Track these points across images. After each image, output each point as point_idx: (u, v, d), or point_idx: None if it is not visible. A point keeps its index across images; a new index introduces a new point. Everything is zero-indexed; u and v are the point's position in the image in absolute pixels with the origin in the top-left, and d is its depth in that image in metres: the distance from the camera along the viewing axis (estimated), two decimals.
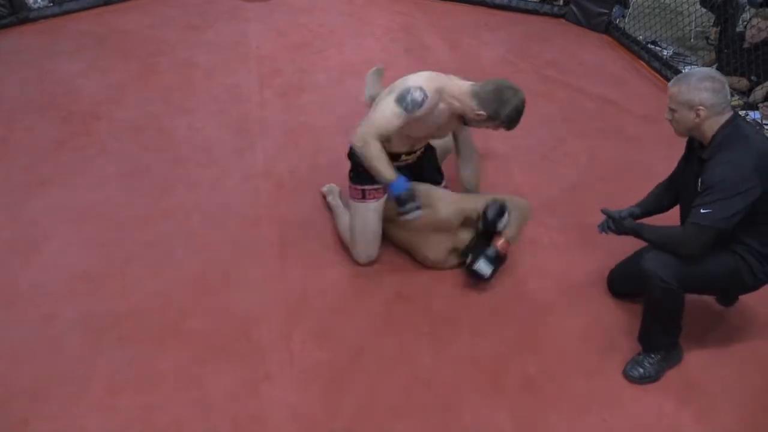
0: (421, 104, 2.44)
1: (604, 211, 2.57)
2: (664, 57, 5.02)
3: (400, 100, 2.43)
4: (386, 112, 2.47)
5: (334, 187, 3.17)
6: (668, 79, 4.65)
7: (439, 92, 2.52)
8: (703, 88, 2.18)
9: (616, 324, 2.68)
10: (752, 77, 4.53)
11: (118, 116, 3.82)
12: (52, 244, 2.88)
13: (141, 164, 3.42)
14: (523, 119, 2.61)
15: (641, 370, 2.45)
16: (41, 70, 4.25)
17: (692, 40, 5.71)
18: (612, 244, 2.99)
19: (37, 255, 2.83)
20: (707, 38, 5.41)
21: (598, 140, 3.92)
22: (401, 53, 4.86)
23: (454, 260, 2.86)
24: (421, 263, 2.88)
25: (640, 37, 5.30)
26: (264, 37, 4.93)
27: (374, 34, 5.16)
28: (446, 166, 3.13)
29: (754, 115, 4.29)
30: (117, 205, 3.13)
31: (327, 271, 2.84)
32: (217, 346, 2.47)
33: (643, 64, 5.00)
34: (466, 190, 2.95)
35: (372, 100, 3.22)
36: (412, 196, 2.53)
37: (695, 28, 5.73)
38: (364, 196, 2.76)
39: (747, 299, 2.76)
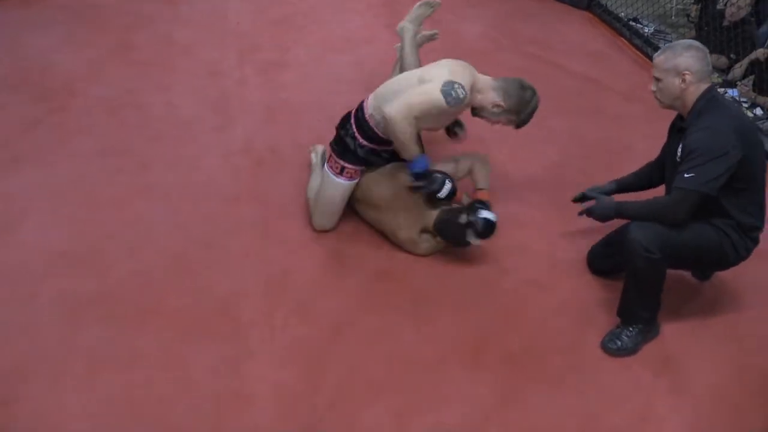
0: (462, 101, 2.50)
1: (585, 196, 2.73)
2: (646, 34, 5.03)
3: (445, 92, 2.44)
4: (431, 97, 2.48)
5: (319, 147, 3.20)
6: (649, 57, 4.67)
7: (471, 88, 2.58)
8: (688, 55, 2.28)
9: (594, 300, 2.71)
10: (731, 55, 4.57)
11: (95, 93, 3.75)
12: (28, 222, 2.85)
13: (118, 142, 3.37)
14: None
15: (619, 343, 2.49)
16: (14, 45, 4.15)
17: (673, 17, 5.72)
18: (592, 222, 3.02)
19: (13, 234, 2.79)
20: (688, 16, 5.42)
21: (579, 118, 3.93)
22: (383, 29, 4.82)
23: (426, 243, 2.83)
24: (397, 245, 2.88)
25: (622, 14, 5.31)
26: (244, 13, 4.86)
27: (356, 9, 5.11)
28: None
29: (732, 92, 4.33)
30: (94, 183, 3.09)
31: (308, 248, 2.84)
32: (198, 324, 2.46)
33: (625, 41, 5.01)
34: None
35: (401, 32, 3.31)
36: (429, 174, 2.64)
37: (676, 5, 5.74)
38: (341, 172, 2.77)
39: (722, 274, 2.80)
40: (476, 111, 2.72)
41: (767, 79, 4.17)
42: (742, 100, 4.23)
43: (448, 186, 2.67)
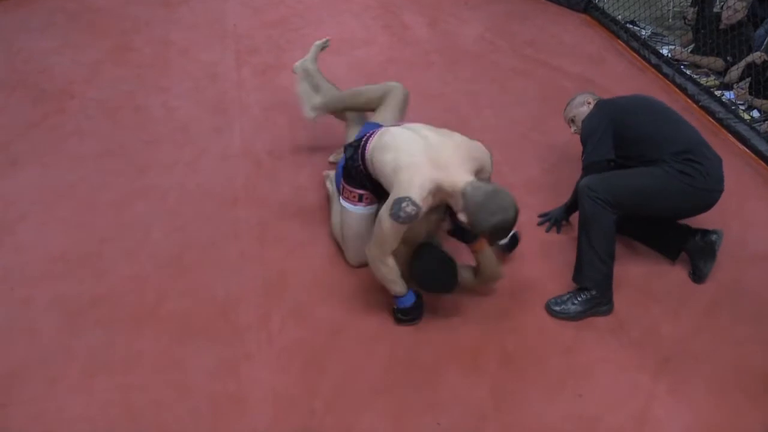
0: (415, 216, 2.27)
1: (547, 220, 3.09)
2: (642, 37, 5.03)
3: (394, 215, 2.26)
4: (386, 230, 2.31)
5: (332, 174, 3.03)
6: (646, 59, 4.69)
7: (433, 193, 2.31)
8: (580, 94, 3.05)
9: None
10: (728, 57, 4.57)
11: (92, 95, 3.75)
12: (26, 224, 2.84)
13: (116, 144, 3.37)
14: (502, 97, 2.62)
15: (562, 307, 2.62)
16: (12, 47, 4.15)
17: (670, 20, 5.73)
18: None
19: (11, 236, 2.78)
20: (685, 18, 5.42)
21: None
22: (380, 31, 4.83)
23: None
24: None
25: (619, 16, 5.31)
26: (241, 15, 4.87)
27: (353, 11, 5.11)
28: None
29: (729, 95, 4.33)
30: (92, 185, 3.08)
31: (305, 251, 2.84)
32: (195, 327, 2.46)
33: (622, 43, 5.01)
34: None
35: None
36: (416, 309, 2.52)
37: (673, 8, 5.75)
38: (360, 200, 2.65)
39: (720, 276, 2.81)
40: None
41: (763, 81, 4.18)
42: (738, 102, 4.23)
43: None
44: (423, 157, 2.34)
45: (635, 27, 5.26)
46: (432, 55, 4.57)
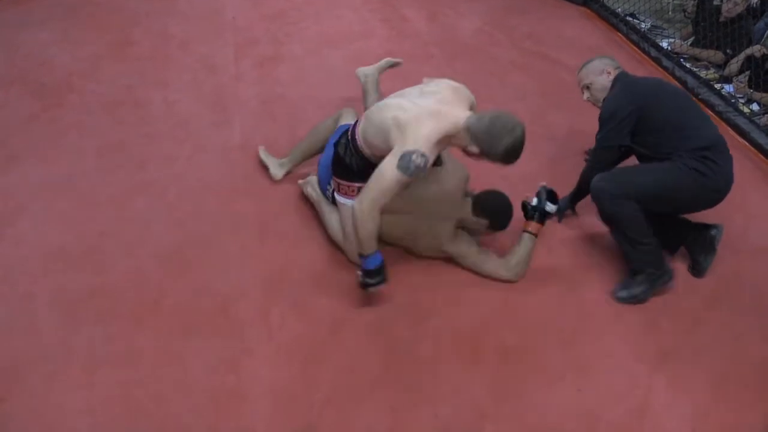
0: (423, 168, 2.28)
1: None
2: (642, 30, 5.02)
3: (403, 167, 2.24)
4: (388, 183, 2.28)
5: (311, 178, 2.99)
6: (646, 52, 4.69)
7: (440, 143, 2.36)
8: (599, 58, 2.87)
9: (590, 294, 2.72)
10: (728, 50, 4.56)
11: (92, 89, 3.75)
12: (25, 219, 2.84)
13: (115, 138, 3.37)
14: (501, 91, 2.62)
15: (627, 291, 2.65)
16: (11, 41, 4.15)
17: (670, 12, 5.72)
18: (592, 216, 3.03)
19: (10, 230, 2.79)
20: (684, 11, 5.42)
21: (576, 113, 3.92)
22: (378, 24, 4.82)
23: (464, 239, 2.74)
24: (420, 253, 2.80)
25: (619, 9, 5.30)
26: (240, 8, 4.86)
27: (351, 4, 5.10)
28: None
29: (728, 88, 4.33)
30: (91, 180, 3.09)
31: (305, 245, 2.84)
32: (195, 322, 2.46)
33: (621, 36, 5.00)
34: None
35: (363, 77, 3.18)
36: (381, 270, 2.44)
37: (673, 0, 5.73)
38: (359, 193, 2.58)
39: (720, 269, 2.82)
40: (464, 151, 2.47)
41: (763, 75, 4.17)
42: (738, 95, 4.23)
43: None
44: (420, 109, 2.36)
45: (635, 20, 5.26)
46: (431, 48, 4.57)
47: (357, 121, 2.65)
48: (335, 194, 2.74)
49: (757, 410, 2.33)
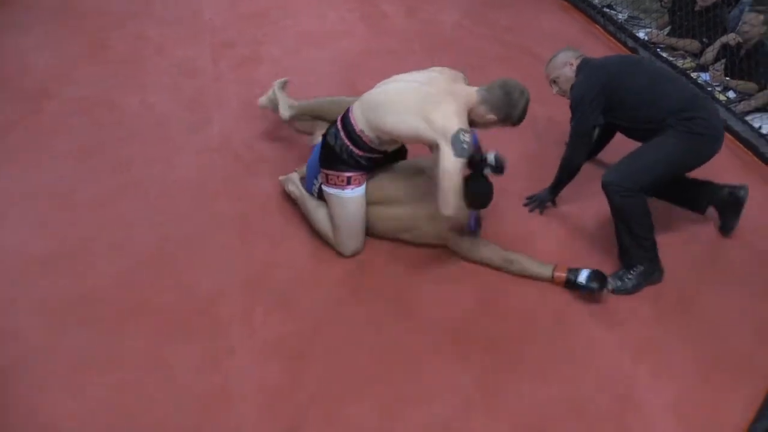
0: (470, 143, 2.40)
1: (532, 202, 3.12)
2: (619, 21, 5.06)
3: (459, 152, 2.35)
4: (452, 170, 2.37)
5: (292, 175, 2.99)
6: (623, 43, 4.73)
7: (464, 117, 2.48)
8: (562, 51, 2.95)
9: None
10: (704, 39, 4.61)
11: (71, 93, 3.71)
12: (6, 225, 2.82)
13: (94, 142, 3.34)
14: (481, 84, 2.65)
15: (619, 283, 2.71)
16: None
17: (647, 2, 5.76)
18: (572, 208, 3.06)
19: None
20: (661, 1, 5.46)
21: (555, 105, 3.92)
22: (358, 22, 4.81)
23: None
24: (420, 240, 2.81)
25: (596, 1, 5.33)
26: (217, 8, 4.83)
27: (330, 3, 5.09)
28: None
29: (705, 76, 4.37)
30: (71, 184, 3.06)
31: (288, 243, 2.84)
32: (180, 323, 2.45)
33: (599, 27, 5.03)
34: None
35: (290, 110, 3.17)
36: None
37: None
38: (348, 183, 2.64)
39: (700, 259, 2.85)
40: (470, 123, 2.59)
41: (738, 62, 4.21)
42: (714, 84, 4.27)
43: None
44: (438, 91, 2.48)
45: (612, 11, 5.29)
46: (412, 43, 4.57)
47: (348, 110, 2.65)
48: (323, 186, 2.73)
49: (739, 394, 2.36)
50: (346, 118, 2.63)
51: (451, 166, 2.36)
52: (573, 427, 2.22)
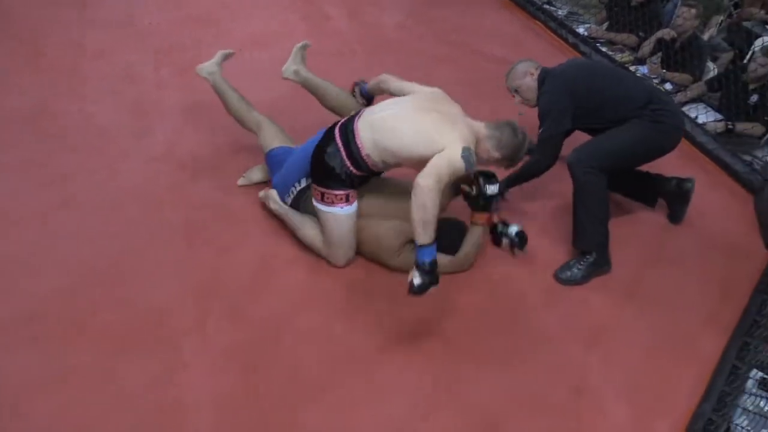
0: (475, 164, 2.45)
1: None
2: (559, 17, 5.16)
3: (466, 160, 2.37)
4: (456, 166, 2.36)
5: (271, 192, 2.89)
6: (564, 39, 4.83)
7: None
8: (521, 63, 3.04)
9: (526, 279, 2.79)
10: (640, 33, 4.74)
11: (6, 104, 3.58)
12: None
13: (32, 154, 3.23)
14: (426, 83, 2.67)
15: (569, 273, 2.79)
16: None
17: None
18: (518, 202, 3.10)
19: None
20: None
21: (500, 101, 3.98)
22: (300, 24, 4.79)
23: (405, 255, 2.70)
24: (372, 256, 2.77)
25: None
26: (157, 12, 4.73)
27: (272, 4, 5.05)
28: None
29: (643, 69, 4.49)
30: (9, 199, 2.95)
31: (237, 251, 2.80)
32: (129, 338, 2.39)
33: (540, 24, 5.13)
34: None
35: (295, 75, 3.16)
36: (434, 267, 2.29)
37: None
38: (347, 200, 2.61)
39: (643, 246, 2.93)
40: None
41: (673, 55, 4.35)
42: (652, 76, 4.39)
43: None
44: (450, 118, 2.51)
45: (552, 7, 5.39)
46: (354, 45, 4.57)
47: (352, 130, 2.57)
48: (315, 203, 2.66)
49: (688, 376, 2.44)
50: (349, 140, 2.55)
51: (454, 159, 2.36)
52: (528, 421, 2.25)
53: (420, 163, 2.42)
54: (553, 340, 2.54)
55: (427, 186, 2.27)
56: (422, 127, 2.46)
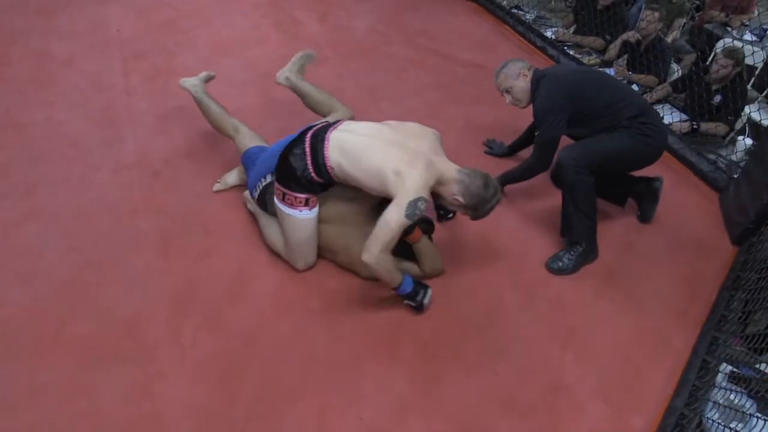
0: (424, 211, 2.43)
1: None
2: (527, 21, 5.22)
3: (409, 215, 2.35)
4: (397, 224, 2.36)
5: (247, 193, 2.95)
6: (532, 42, 4.87)
7: (435, 183, 2.49)
8: (512, 62, 3.03)
9: (501, 281, 2.81)
10: (606, 36, 4.82)
11: None
12: None
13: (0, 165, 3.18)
14: (398, 87, 2.67)
15: (560, 263, 2.87)
16: None
17: (553, 2, 5.97)
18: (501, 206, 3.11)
19: None
20: (565, 1, 5.67)
21: (471, 104, 4.04)
22: (271, 29, 4.77)
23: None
24: (343, 264, 2.77)
25: (504, 2, 5.48)
26: (125, 19, 4.68)
27: (242, 10, 5.03)
28: None
29: (610, 71, 4.56)
30: None
31: (211, 259, 2.78)
32: (102, 350, 2.36)
33: (508, 28, 5.18)
34: None
35: (288, 83, 3.13)
36: (418, 285, 2.58)
37: None
38: (306, 204, 2.60)
39: (615, 246, 2.97)
40: (435, 196, 2.63)
41: (639, 57, 4.43)
42: (619, 78, 4.46)
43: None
44: (417, 158, 2.45)
45: (520, 11, 5.45)
46: (325, 50, 4.57)
47: (323, 139, 2.55)
48: (277, 202, 2.65)
49: (659, 370, 2.48)
50: (317, 149, 2.54)
51: (395, 222, 2.36)
52: (506, 422, 2.27)
53: (375, 190, 2.49)
54: (529, 340, 2.56)
55: (372, 261, 2.37)
56: (384, 165, 2.43)
